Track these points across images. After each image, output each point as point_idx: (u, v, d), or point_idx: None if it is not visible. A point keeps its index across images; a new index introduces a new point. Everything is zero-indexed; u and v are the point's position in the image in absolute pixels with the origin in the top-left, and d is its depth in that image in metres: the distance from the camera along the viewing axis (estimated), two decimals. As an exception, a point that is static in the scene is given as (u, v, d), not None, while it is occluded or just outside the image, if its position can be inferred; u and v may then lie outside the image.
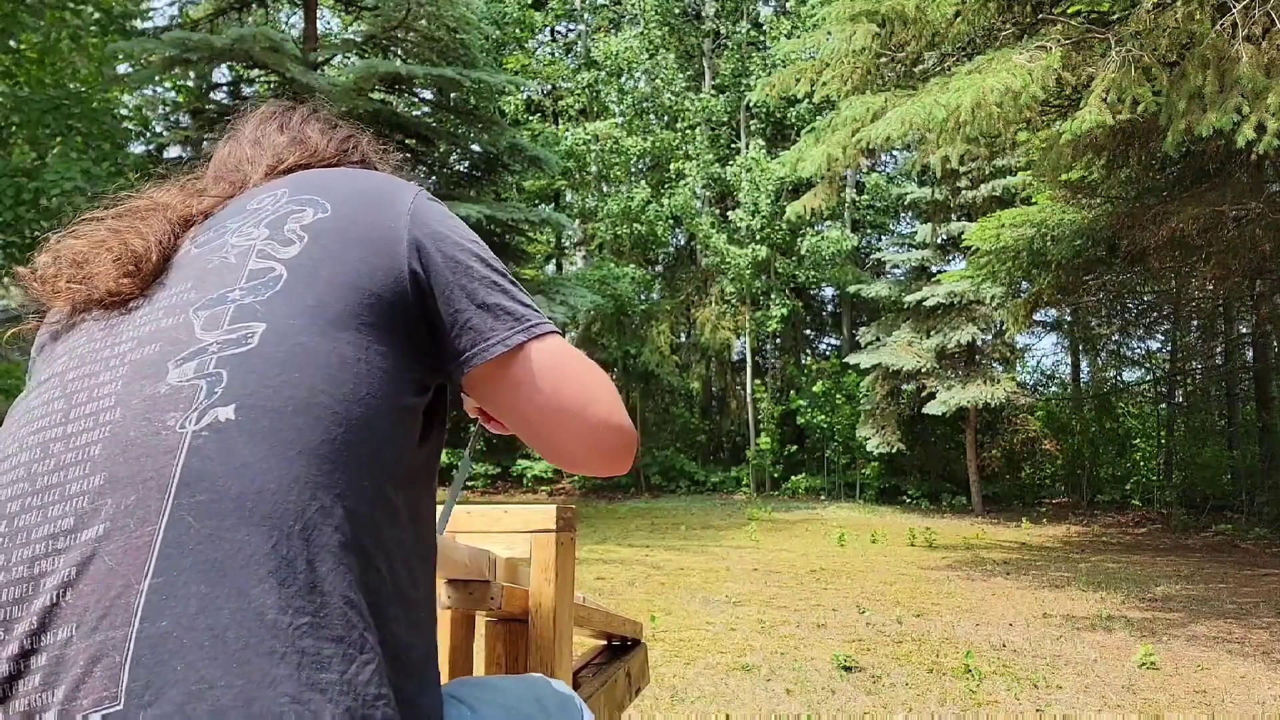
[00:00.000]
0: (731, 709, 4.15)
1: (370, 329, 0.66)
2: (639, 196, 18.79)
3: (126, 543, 0.55)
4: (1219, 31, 5.84)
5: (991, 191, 15.85)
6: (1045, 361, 27.54)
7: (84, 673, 0.52)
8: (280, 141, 0.90)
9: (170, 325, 0.65)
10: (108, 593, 0.54)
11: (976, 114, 6.09)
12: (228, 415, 0.59)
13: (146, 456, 0.58)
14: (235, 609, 0.53)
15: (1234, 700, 4.49)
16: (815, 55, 9.59)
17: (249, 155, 0.90)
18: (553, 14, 22.55)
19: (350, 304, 0.66)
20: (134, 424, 0.59)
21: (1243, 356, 17.12)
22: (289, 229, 0.70)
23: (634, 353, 19.04)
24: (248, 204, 0.76)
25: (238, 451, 0.58)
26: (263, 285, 0.65)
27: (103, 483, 0.58)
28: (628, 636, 1.75)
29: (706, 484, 19.74)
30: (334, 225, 0.70)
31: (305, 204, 0.72)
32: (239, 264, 0.68)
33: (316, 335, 0.63)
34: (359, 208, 0.73)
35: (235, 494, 0.56)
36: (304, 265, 0.67)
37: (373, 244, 0.70)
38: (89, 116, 10.83)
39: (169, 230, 0.73)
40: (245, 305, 0.64)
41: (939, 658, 5.27)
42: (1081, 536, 12.86)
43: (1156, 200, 8.83)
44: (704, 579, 8.14)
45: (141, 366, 0.63)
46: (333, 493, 0.59)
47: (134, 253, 0.70)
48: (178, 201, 0.78)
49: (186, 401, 0.60)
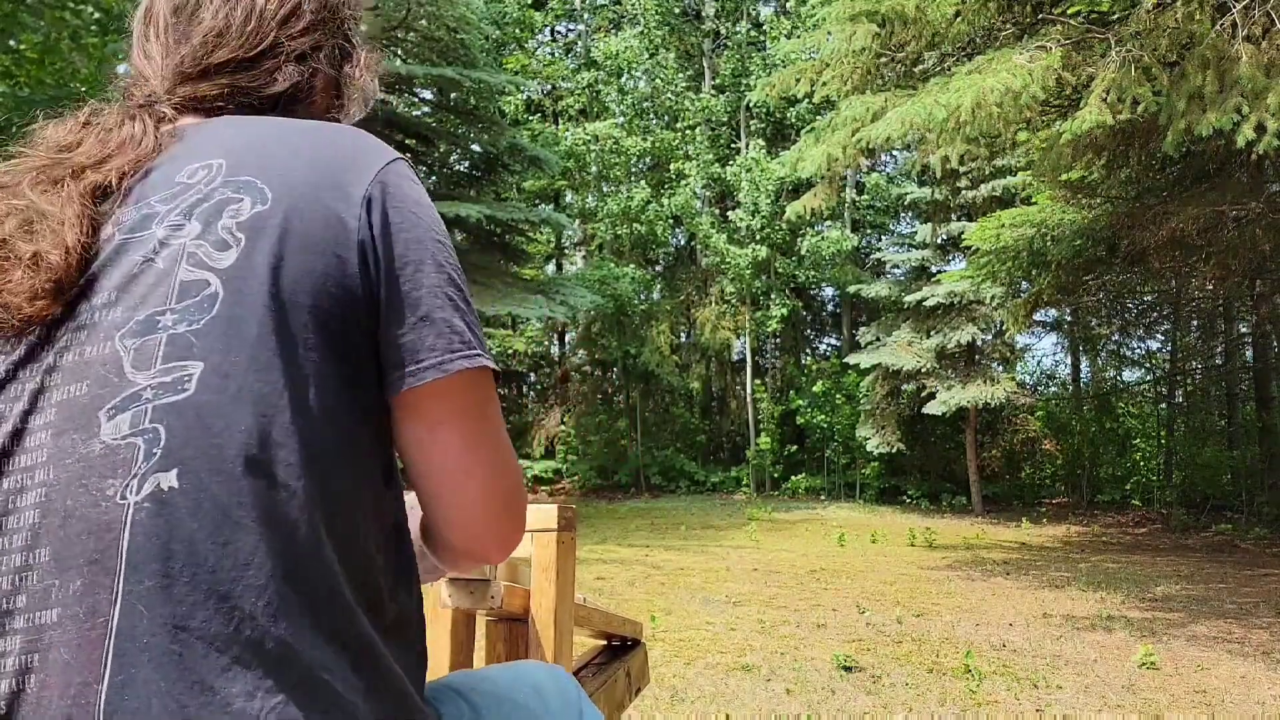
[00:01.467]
0: (731, 709, 4.15)
1: (322, 356, 0.57)
2: (639, 196, 18.80)
3: (80, 634, 0.50)
4: (1219, 31, 5.84)
5: (991, 191, 15.86)
6: (1045, 361, 27.54)
7: None
8: (204, 15, 0.72)
9: (96, 356, 0.56)
10: (67, 690, 0.49)
11: (976, 114, 6.09)
12: (170, 483, 0.52)
13: (88, 533, 0.52)
14: (200, 705, 0.49)
15: (1234, 700, 4.49)
16: (815, 55, 9.61)
17: (159, 49, 0.72)
18: (553, 14, 22.54)
19: (297, 328, 0.56)
20: (70, 490, 0.53)
21: (1243, 356, 17.13)
22: (223, 226, 0.58)
23: (634, 353, 19.04)
24: (176, 173, 0.62)
25: (184, 526, 0.51)
26: (195, 307, 0.56)
27: (48, 559, 0.52)
28: (628, 636, 1.75)
29: (706, 484, 19.74)
30: (274, 222, 0.58)
31: (243, 190, 0.59)
32: (167, 271, 0.57)
33: (261, 373, 0.55)
34: (306, 194, 0.60)
35: (187, 576, 0.51)
36: (241, 279, 0.56)
37: (321, 246, 0.58)
38: (89, 116, 10.84)
39: (85, 215, 0.59)
40: (178, 336, 0.55)
41: (939, 658, 5.27)
42: (1081, 536, 12.86)
43: (1156, 200, 8.83)
44: (704, 579, 8.14)
45: (71, 413, 0.55)
46: (297, 557, 0.53)
47: (51, 266, 0.56)
48: (87, 157, 0.63)
49: (125, 465, 0.52)
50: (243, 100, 0.70)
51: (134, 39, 0.75)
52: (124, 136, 0.64)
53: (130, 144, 0.63)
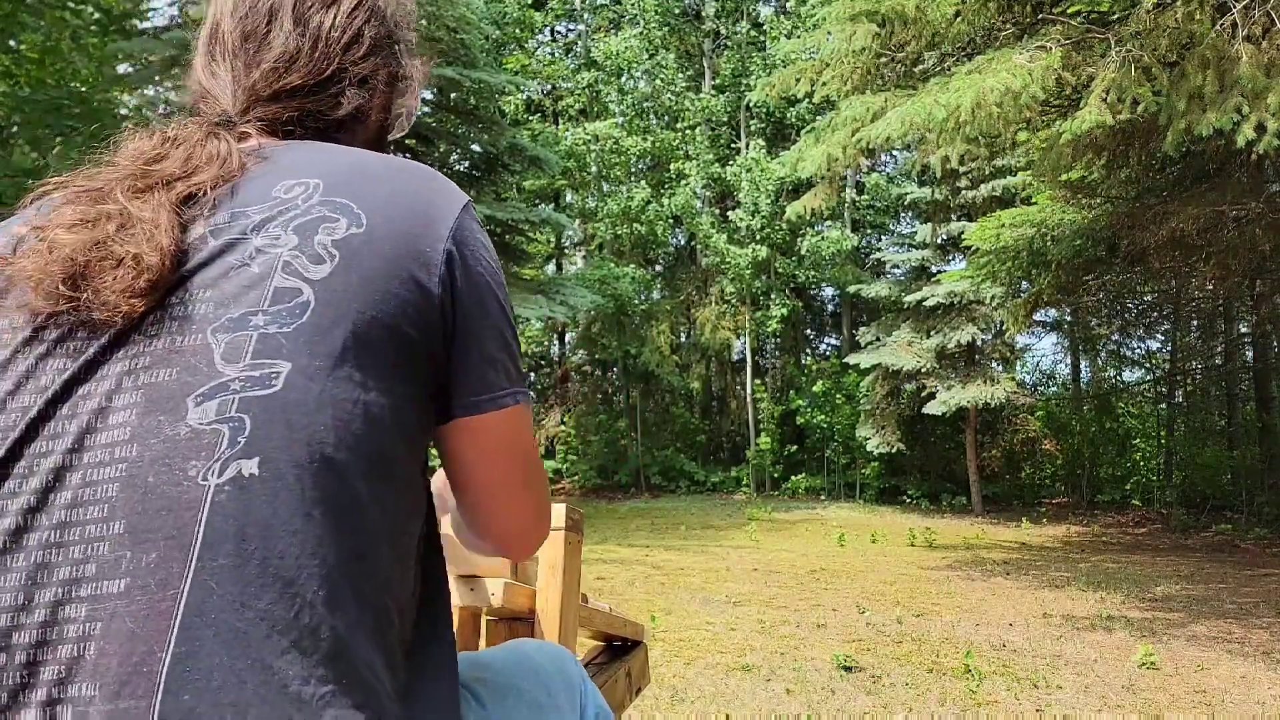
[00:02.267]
0: (731, 709, 4.16)
1: (395, 374, 0.62)
2: (639, 196, 18.80)
3: (149, 605, 0.52)
4: (1219, 31, 5.84)
5: (991, 191, 15.86)
6: (1045, 361, 27.54)
7: None
8: (275, 42, 0.77)
9: (188, 346, 0.59)
10: (130, 658, 0.51)
11: (976, 114, 6.09)
12: (251, 470, 0.55)
13: (167, 510, 0.55)
14: (259, 683, 0.51)
15: (1234, 700, 4.49)
16: (815, 55, 9.60)
17: (228, 72, 0.77)
18: (553, 14, 22.54)
19: (378, 345, 0.61)
20: (152, 468, 0.56)
21: (1243, 356, 17.13)
22: (319, 242, 0.63)
23: (634, 353, 19.04)
24: (272, 188, 0.66)
25: (260, 511, 0.55)
26: (287, 312, 0.60)
27: (122, 531, 0.55)
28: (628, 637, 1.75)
29: (706, 484, 19.74)
30: (368, 246, 0.63)
31: (340, 211, 0.64)
32: (262, 276, 0.61)
33: (343, 381, 0.59)
34: (397, 226, 0.65)
35: (259, 558, 0.54)
36: (334, 292, 0.61)
37: (406, 274, 0.64)
38: (89, 116, 10.83)
39: (176, 221, 0.63)
40: (269, 336, 0.59)
41: (939, 658, 5.27)
42: (1081, 536, 12.86)
43: (1156, 200, 8.83)
44: (704, 579, 8.14)
45: (158, 397, 0.58)
46: (355, 554, 0.57)
47: (149, 266, 0.60)
48: (175, 169, 0.67)
49: (209, 450, 0.56)
50: (311, 123, 0.76)
51: (198, 56, 0.80)
52: (210, 152, 0.68)
53: (216, 159, 0.67)
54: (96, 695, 0.51)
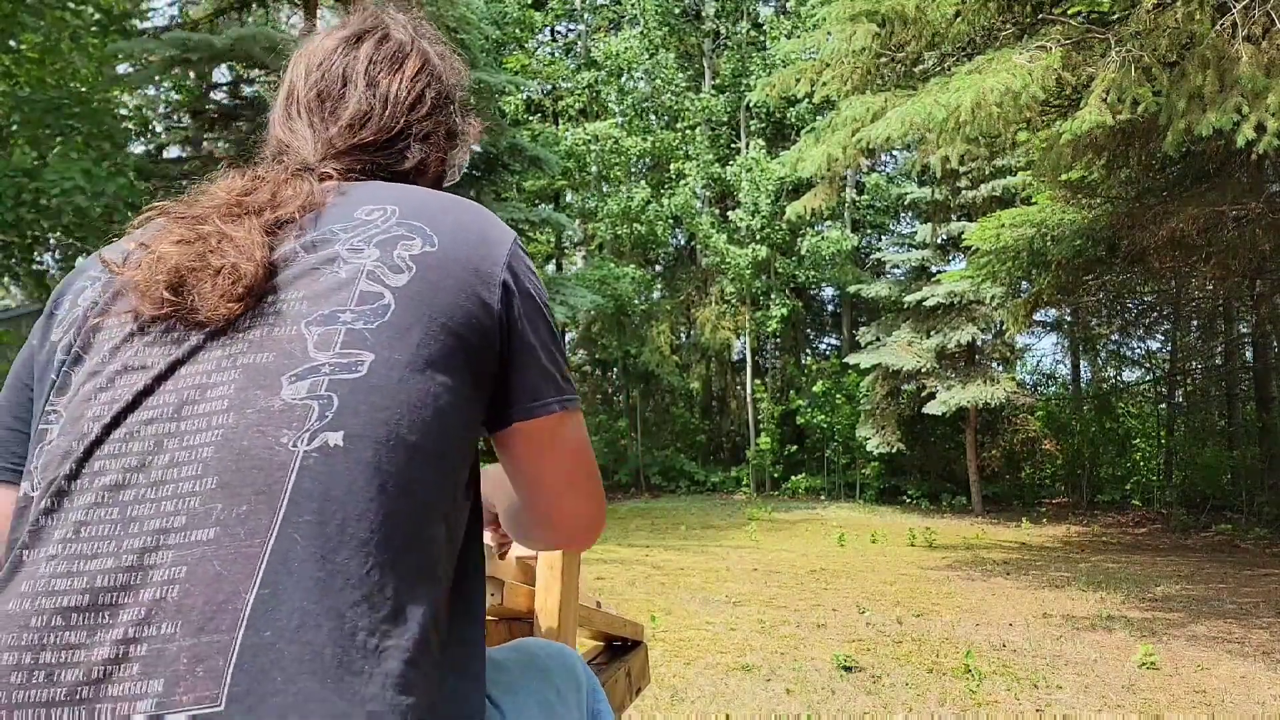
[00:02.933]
0: (731, 709, 4.16)
1: (459, 373, 0.70)
2: (639, 196, 18.80)
3: (236, 550, 0.58)
4: (1219, 31, 5.84)
5: (991, 191, 15.86)
6: (1045, 361, 27.51)
7: (186, 670, 0.55)
8: (350, 101, 0.88)
9: (283, 335, 0.67)
10: (215, 596, 0.56)
11: (976, 114, 6.09)
12: (336, 441, 0.62)
13: (259, 469, 0.61)
14: (332, 628, 0.57)
15: (1234, 700, 4.49)
16: (815, 55, 9.60)
17: (306, 127, 0.88)
18: (553, 14, 22.54)
19: (447, 347, 0.70)
20: (247, 434, 0.62)
21: (1243, 356, 17.13)
22: (398, 255, 0.72)
23: (634, 353, 19.04)
24: (355, 211, 0.76)
25: (342, 477, 0.61)
26: (372, 312, 0.68)
27: (215, 486, 0.61)
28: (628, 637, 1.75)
29: (706, 484, 19.74)
30: (439, 262, 0.73)
31: (415, 232, 0.74)
32: (349, 281, 0.70)
33: (416, 374, 0.67)
34: (463, 249, 0.75)
35: (339, 518, 0.60)
36: (411, 298, 0.70)
37: (471, 290, 0.73)
38: (89, 116, 10.82)
39: (266, 240, 0.72)
40: (356, 330, 0.67)
41: (939, 658, 5.27)
42: (1081, 536, 12.87)
43: (1156, 200, 8.83)
44: (704, 579, 8.15)
45: (256, 374, 0.65)
46: (418, 524, 0.64)
47: (245, 275, 0.69)
48: (263, 201, 0.76)
49: (299, 421, 0.63)
50: (380, 174, 0.87)
51: (275, 114, 0.91)
52: (294, 188, 0.78)
53: (300, 194, 0.77)
54: (177, 632, 0.55)
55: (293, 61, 0.93)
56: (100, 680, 0.55)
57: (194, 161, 14.57)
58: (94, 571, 0.59)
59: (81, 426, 0.66)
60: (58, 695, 0.55)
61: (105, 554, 0.60)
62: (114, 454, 0.64)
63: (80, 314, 0.74)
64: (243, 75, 15.92)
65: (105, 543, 0.60)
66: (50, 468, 0.66)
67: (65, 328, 0.75)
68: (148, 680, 0.55)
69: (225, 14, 14.05)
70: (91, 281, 0.77)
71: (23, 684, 0.56)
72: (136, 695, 0.54)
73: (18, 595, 0.60)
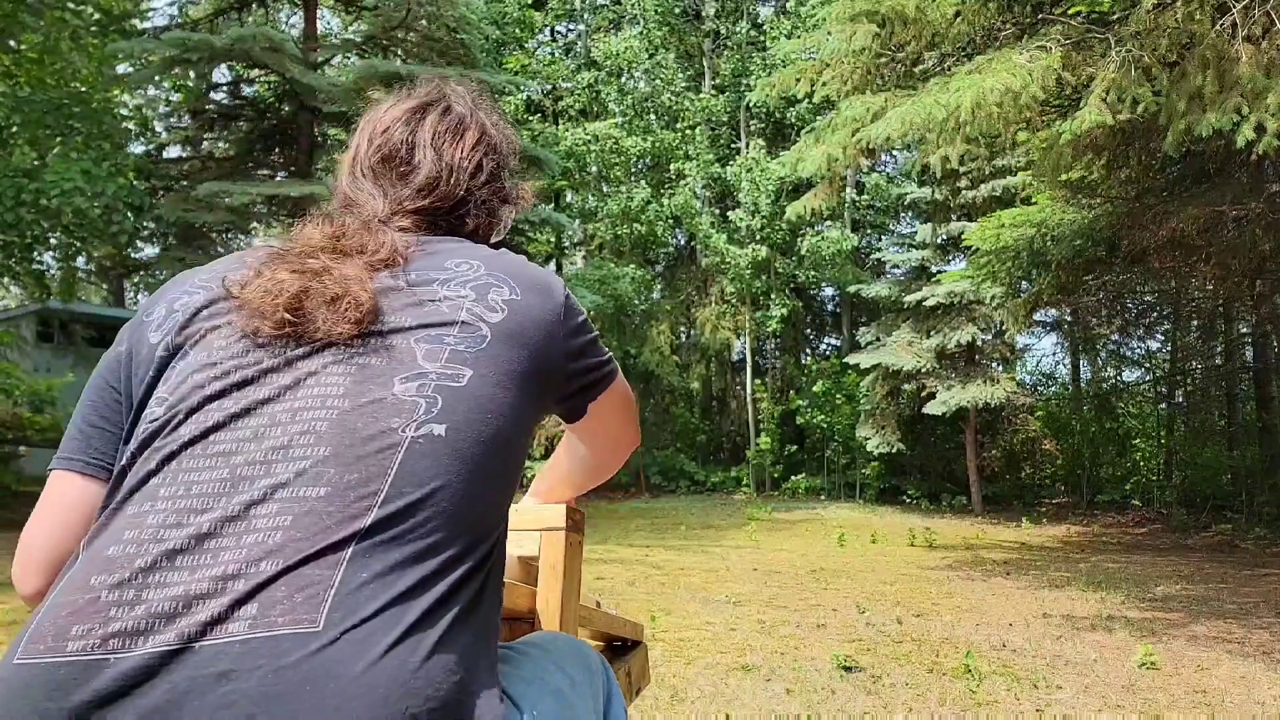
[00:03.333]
0: (731, 709, 4.16)
1: (531, 394, 0.86)
2: (639, 196, 18.79)
3: (344, 507, 0.68)
4: (1219, 31, 5.84)
5: (991, 191, 15.85)
6: (1045, 361, 27.53)
7: (284, 598, 0.63)
8: (420, 168, 1.01)
9: (395, 345, 0.80)
10: (319, 541, 0.66)
11: (976, 114, 6.09)
12: (439, 432, 0.75)
13: (371, 441, 0.72)
14: (418, 587, 0.67)
15: (1234, 700, 4.49)
16: (815, 55, 9.59)
17: (375, 187, 1.00)
18: (553, 14, 22.53)
19: (526, 374, 0.85)
20: (361, 417, 0.74)
21: (1243, 356, 17.13)
22: (490, 298, 0.87)
23: (634, 353, 19.05)
24: (444, 263, 0.91)
25: (442, 462, 0.73)
26: (471, 338, 0.83)
27: (327, 454, 0.71)
28: (628, 637, 1.75)
29: (706, 484, 19.74)
30: (521, 307, 0.88)
31: (502, 282, 0.89)
32: (452, 313, 0.84)
33: (502, 390, 0.82)
34: (536, 299, 0.91)
35: (436, 497, 0.72)
36: (502, 333, 0.85)
37: (542, 329, 0.89)
38: (89, 116, 10.83)
39: (370, 275, 0.85)
40: (458, 351, 0.81)
41: (939, 658, 5.27)
42: (1081, 536, 12.87)
43: (1156, 200, 8.83)
44: (704, 579, 8.14)
45: (370, 373, 0.78)
46: (492, 509, 0.78)
47: (359, 304, 0.80)
48: (358, 243, 0.89)
49: (409, 412, 0.75)
50: (444, 235, 1.00)
51: (343, 174, 1.04)
52: (378, 238, 0.90)
53: (386, 243, 0.89)
54: (278, 569, 0.64)
55: (360, 127, 1.06)
56: (196, 606, 0.63)
57: (194, 161, 14.57)
58: (201, 523, 0.68)
59: (192, 401, 0.76)
60: (156, 625, 0.62)
61: (214, 509, 0.69)
62: (226, 425, 0.74)
63: (182, 319, 0.85)
64: (243, 75, 15.93)
65: (215, 499, 0.69)
66: (157, 436, 0.76)
67: (165, 330, 0.85)
68: (244, 605, 0.63)
69: (225, 14, 14.05)
70: (192, 292, 0.88)
71: (122, 615, 0.63)
72: (233, 618, 0.62)
73: (120, 542, 0.69)
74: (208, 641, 0.61)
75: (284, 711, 0.59)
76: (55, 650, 0.62)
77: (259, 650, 0.61)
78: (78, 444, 0.86)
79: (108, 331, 16.68)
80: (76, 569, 0.69)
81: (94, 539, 0.71)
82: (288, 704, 0.59)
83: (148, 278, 15.46)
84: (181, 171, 14.12)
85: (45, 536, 0.83)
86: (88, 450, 0.85)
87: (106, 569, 0.67)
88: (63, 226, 10.48)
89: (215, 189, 11.26)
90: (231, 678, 0.60)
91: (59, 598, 0.67)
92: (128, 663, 0.60)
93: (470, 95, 1.09)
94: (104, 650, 0.61)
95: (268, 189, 11.82)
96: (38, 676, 0.61)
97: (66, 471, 0.85)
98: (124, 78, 12.65)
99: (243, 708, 0.59)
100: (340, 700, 0.60)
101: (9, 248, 10.68)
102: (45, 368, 14.75)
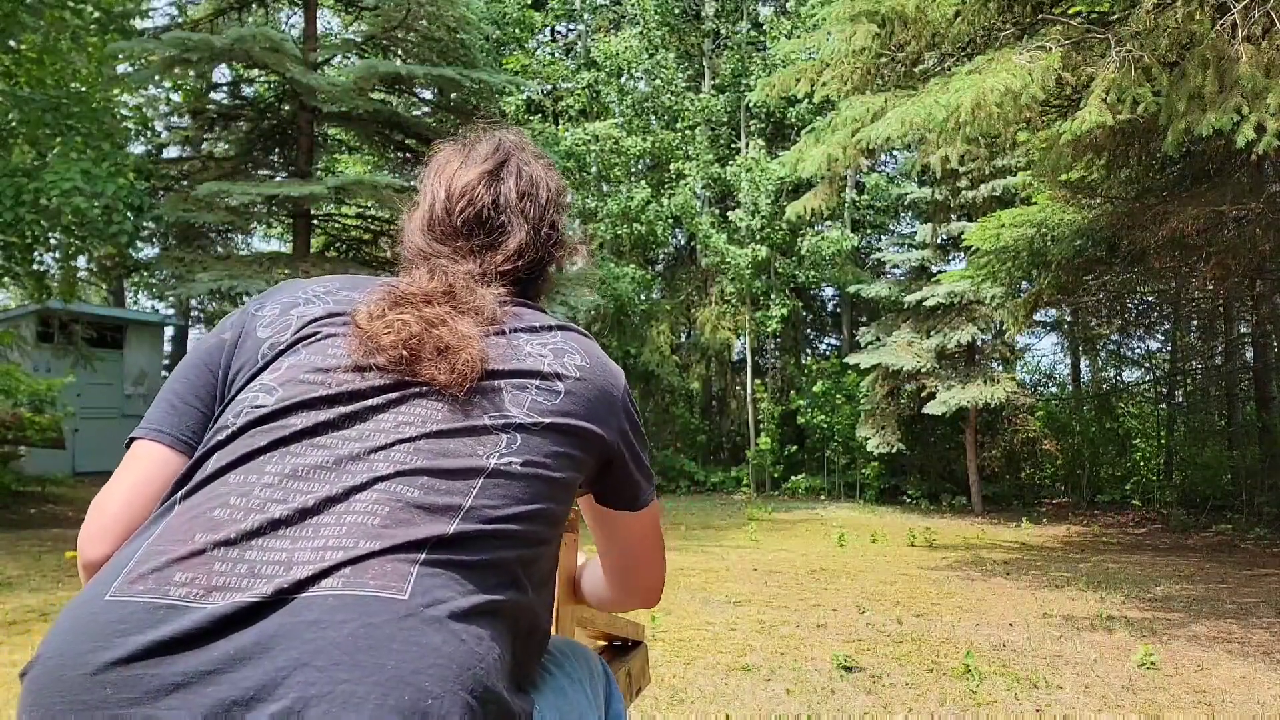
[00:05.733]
0: (731, 709, 4.15)
1: (582, 456, 0.94)
2: (639, 196, 18.78)
3: (432, 508, 0.77)
4: (1219, 31, 5.84)
5: (991, 191, 15.84)
6: (1045, 361, 27.47)
7: (377, 568, 0.70)
8: (511, 235, 1.07)
9: (489, 388, 0.89)
10: (411, 532, 0.74)
11: (976, 114, 6.09)
12: (516, 466, 0.84)
13: (460, 460, 0.82)
14: (480, 592, 0.74)
15: (1234, 700, 4.49)
16: (815, 55, 9.59)
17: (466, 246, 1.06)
18: (553, 14, 22.52)
19: (585, 437, 0.93)
20: (454, 439, 0.83)
21: (1243, 356, 17.12)
22: (566, 362, 0.96)
23: (634, 353, 19.04)
24: (531, 322, 1.00)
25: (514, 491, 0.83)
26: (548, 391, 0.92)
27: (422, 464, 0.80)
28: (628, 637, 1.75)
29: (706, 484, 19.73)
30: (591, 376, 0.97)
31: (576, 351, 0.98)
32: (533, 369, 0.93)
33: (565, 442, 0.90)
34: (602, 373, 0.99)
35: (507, 518, 0.81)
36: (574, 395, 0.94)
37: (605, 406, 0.98)
38: (89, 116, 10.82)
39: (482, 334, 0.93)
40: (537, 401, 0.90)
41: (939, 658, 5.27)
42: (1081, 536, 12.87)
43: (1156, 200, 8.82)
44: (704, 579, 8.14)
45: (464, 406, 0.87)
46: (544, 539, 0.86)
47: (470, 360, 0.88)
48: (471, 304, 0.96)
49: (494, 444, 0.85)
50: (521, 289, 1.08)
51: (415, 228, 1.08)
52: (480, 299, 0.97)
53: (488, 303, 0.97)
54: (374, 546, 0.72)
55: (429, 179, 1.10)
56: (295, 570, 0.69)
57: (194, 161, 14.57)
58: (306, 500, 0.75)
59: (306, 396, 0.84)
60: (255, 584, 0.68)
61: (318, 490, 0.76)
62: (337, 425, 0.83)
63: (297, 324, 0.93)
64: (243, 75, 15.93)
65: (319, 482, 0.77)
66: (267, 420, 0.83)
67: (276, 329, 0.93)
68: (339, 571, 0.69)
69: (225, 14, 14.04)
70: (310, 301, 0.96)
71: (226, 572, 0.69)
72: (328, 577, 0.69)
73: (227, 506, 0.75)
74: (302, 595, 0.67)
75: (371, 662, 0.64)
76: (155, 592, 0.68)
77: (351, 605, 0.67)
78: (169, 418, 0.91)
79: (108, 331, 16.63)
80: (175, 521, 0.75)
81: (189, 496, 0.78)
82: (375, 656, 0.65)
83: (148, 278, 15.43)
84: (181, 171, 14.11)
85: (124, 505, 0.86)
86: (179, 425, 0.90)
87: (212, 529, 0.73)
88: (63, 226, 10.47)
89: (215, 189, 11.25)
90: (321, 626, 0.65)
91: (156, 545, 0.72)
92: (223, 609, 0.66)
93: (529, 149, 1.16)
94: (205, 601, 0.67)
95: (268, 189, 11.81)
96: (134, 614, 0.67)
97: (155, 443, 0.90)
98: (124, 78, 12.63)
99: (330, 655, 0.64)
100: (420, 664, 0.66)
101: (9, 248, 10.67)
102: (45, 368, 14.72)
